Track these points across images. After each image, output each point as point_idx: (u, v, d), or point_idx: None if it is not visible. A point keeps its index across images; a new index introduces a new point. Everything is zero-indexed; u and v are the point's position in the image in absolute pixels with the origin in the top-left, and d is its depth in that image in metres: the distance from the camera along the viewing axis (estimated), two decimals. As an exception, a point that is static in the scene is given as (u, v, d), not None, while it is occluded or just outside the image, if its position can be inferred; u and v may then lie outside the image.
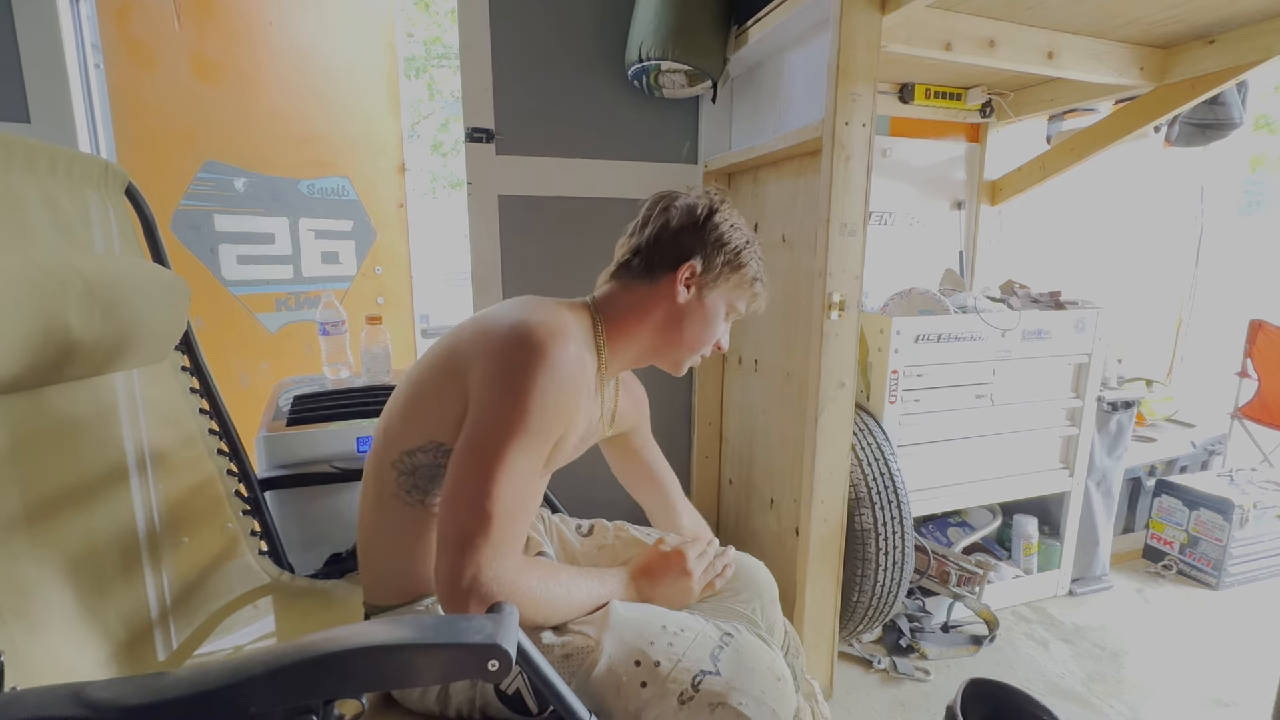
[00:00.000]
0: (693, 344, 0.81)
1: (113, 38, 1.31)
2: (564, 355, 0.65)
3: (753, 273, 0.81)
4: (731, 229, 0.80)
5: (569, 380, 0.66)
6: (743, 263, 0.80)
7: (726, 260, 0.79)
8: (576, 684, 0.65)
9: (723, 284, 0.80)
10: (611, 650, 0.66)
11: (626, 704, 0.64)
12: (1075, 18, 1.32)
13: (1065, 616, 1.67)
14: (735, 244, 0.80)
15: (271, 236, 1.59)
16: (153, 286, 0.82)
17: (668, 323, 0.79)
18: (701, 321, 0.80)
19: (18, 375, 0.63)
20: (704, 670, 0.64)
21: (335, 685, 0.50)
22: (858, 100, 1.11)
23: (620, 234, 0.87)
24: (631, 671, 0.64)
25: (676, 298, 0.78)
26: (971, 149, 1.98)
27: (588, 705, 0.63)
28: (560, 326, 0.67)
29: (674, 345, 0.81)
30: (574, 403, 0.68)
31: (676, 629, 0.68)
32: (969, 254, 2.04)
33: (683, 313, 0.79)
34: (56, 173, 0.78)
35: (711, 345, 0.82)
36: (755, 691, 0.64)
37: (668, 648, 0.66)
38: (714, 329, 0.81)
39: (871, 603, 1.38)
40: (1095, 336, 1.63)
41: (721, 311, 0.81)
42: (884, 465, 1.37)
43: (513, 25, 1.51)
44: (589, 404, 0.76)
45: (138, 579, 0.80)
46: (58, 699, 0.48)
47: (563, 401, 0.66)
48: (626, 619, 0.69)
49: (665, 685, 0.63)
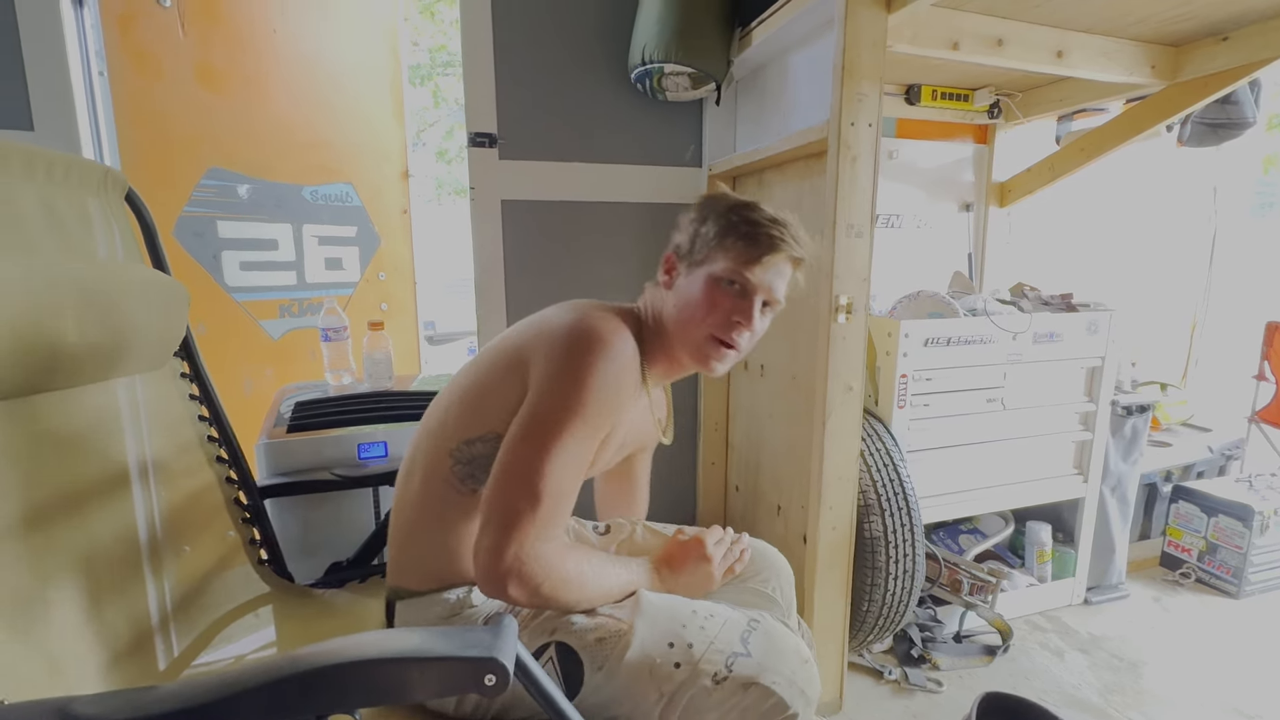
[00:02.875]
0: (686, 320, 0.77)
1: (116, 46, 1.32)
2: (623, 349, 0.69)
3: (742, 233, 0.75)
4: (710, 205, 0.78)
5: (624, 374, 0.69)
6: (723, 229, 0.76)
7: (702, 234, 0.77)
8: (610, 666, 0.66)
9: (709, 259, 0.76)
10: (644, 634, 0.67)
11: (661, 685, 0.65)
12: (1085, 16, 1.30)
13: (1081, 626, 1.63)
14: (714, 212, 0.77)
15: (275, 243, 1.59)
16: (151, 292, 0.82)
17: (668, 314, 0.79)
18: (686, 296, 0.77)
19: (13, 382, 0.63)
20: (735, 652, 0.66)
21: (328, 700, 0.49)
22: (864, 100, 1.09)
23: (623, 237, 0.87)
24: (665, 653, 0.66)
25: (665, 286, 0.80)
26: (979, 150, 1.96)
27: (621, 687, 0.66)
28: (618, 324, 0.71)
29: (676, 334, 0.78)
30: (624, 398, 0.70)
31: (706, 614, 0.70)
32: (978, 256, 2.02)
33: (672, 296, 0.79)
34: (55, 179, 0.77)
35: (717, 318, 0.75)
36: (786, 672, 0.66)
37: (699, 631, 0.68)
38: (705, 300, 0.75)
39: (882, 612, 1.35)
40: (1108, 339, 1.60)
41: (709, 278, 0.75)
42: (893, 471, 1.34)
43: (515, 30, 1.50)
44: (632, 405, 0.76)
45: (138, 587, 0.78)
46: (42, 714, 0.46)
47: (617, 393, 0.69)
48: (657, 604, 0.71)
49: (699, 667, 0.65)
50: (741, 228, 0.75)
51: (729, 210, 0.76)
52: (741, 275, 0.75)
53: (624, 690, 0.66)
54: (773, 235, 0.75)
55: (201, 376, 0.97)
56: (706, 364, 0.78)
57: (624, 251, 1.69)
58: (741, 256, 0.75)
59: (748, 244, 0.74)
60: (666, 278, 0.80)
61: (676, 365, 0.82)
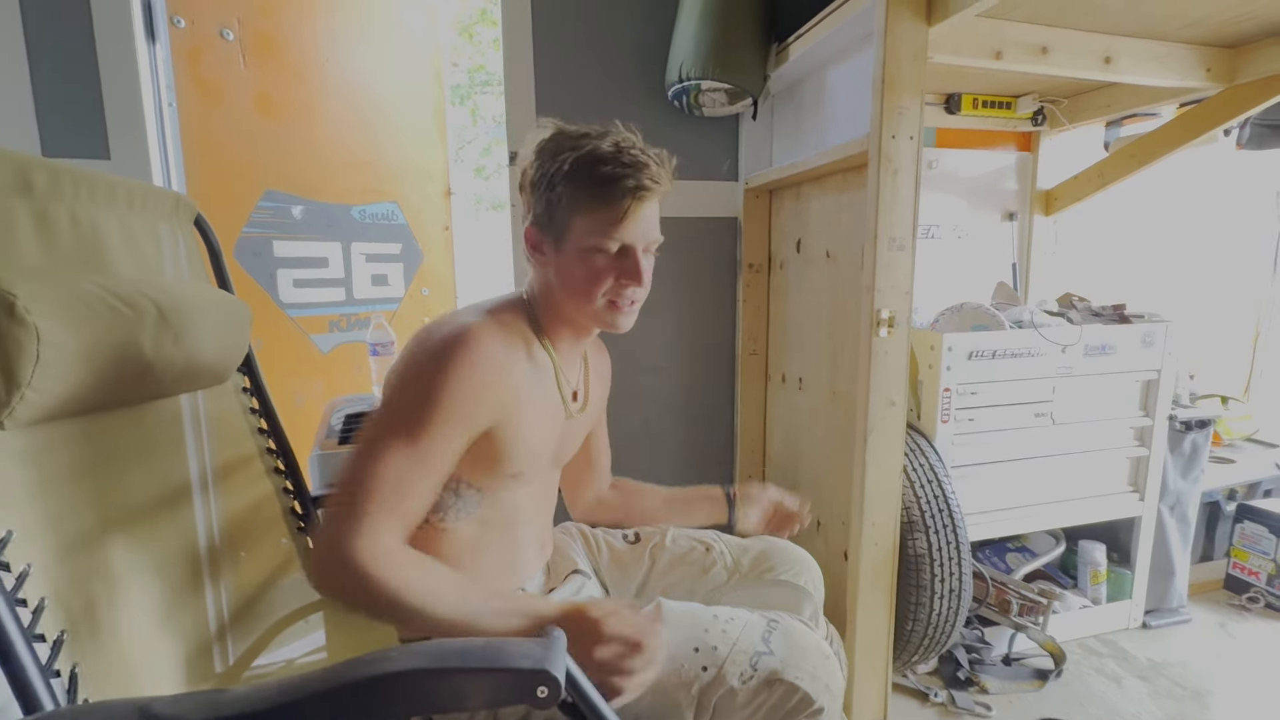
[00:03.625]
0: (580, 299, 0.73)
1: (185, 78, 1.40)
2: (464, 354, 0.64)
3: (598, 194, 0.69)
4: (540, 164, 0.71)
5: (472, 374, 0.64)
6: (565, 193, 0.69)
7: (550, 204, 0.71)
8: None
9: (568, 228, 0.71)
10: (670, 640, 0.67)
11: (689, 688, 0.66)
12: (1134, 21, 1.27)
13: (1139, 651, 1.56)
14: (548, 176, 0.70)
15: (325, 260, 1.66)
16: (219, 311, 0.86)
17: (555, 291, 0.75)
18: (569, 276, 0.73)
19: (97, 397, 0.67)
20: (759, 651, 0.68)
21: (385, 707, 0.51)
22: (904, 113, 1.09)
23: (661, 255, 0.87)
24: (691, 657, 0.67)
25: (543, 265, 0.75)
26: (1023, 158, 1.92)
27: (651, 695, 0.66)
28: (465, 327, 0.66)
29: (574, 309, 0.75)
30: (483, 393, 0.66)
31: (727, 618, 0.72)
32: (1022, 267, 1.97)
33: (555, 276, 0.74)
34: (134, 206, 0.83)
35: (607, 287, 0.72)
36: (808, 667, 0.67)
37: (721, 634, 0.69)
38: (586, 273, 0.71)
39: (927, 632, 1.32)
40: (1165, 351, 1.54)
41: (586, 252, 0.71)
42: (937, 487, 1.31)
43: (555, 51, 1.54)
44: (532, 390, 0.73)
45: (199, 593, 0.82)
46: (125, 713, 0.49)
47: (465, 393, 0.64)
48: (679, 610, 0.72)
49: (724, 668, 0.66)
50: (595, 187, 0.69)
51: (575, 168, 0.69)
52: (615, 238, 0.70)
53: (655, 698, 0.66)
54: (630, 184, 0.69)
55: (262, 391, 1.01)
56: (612, 327, 0.76)
57: (660, 265, 1.69)
58: (607, 219, 0.69)
59: (608, 205, 0.69)
60: (539, 255, 0.75)
61: (583, 330, 0.79)
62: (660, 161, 0.73)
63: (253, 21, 1.49)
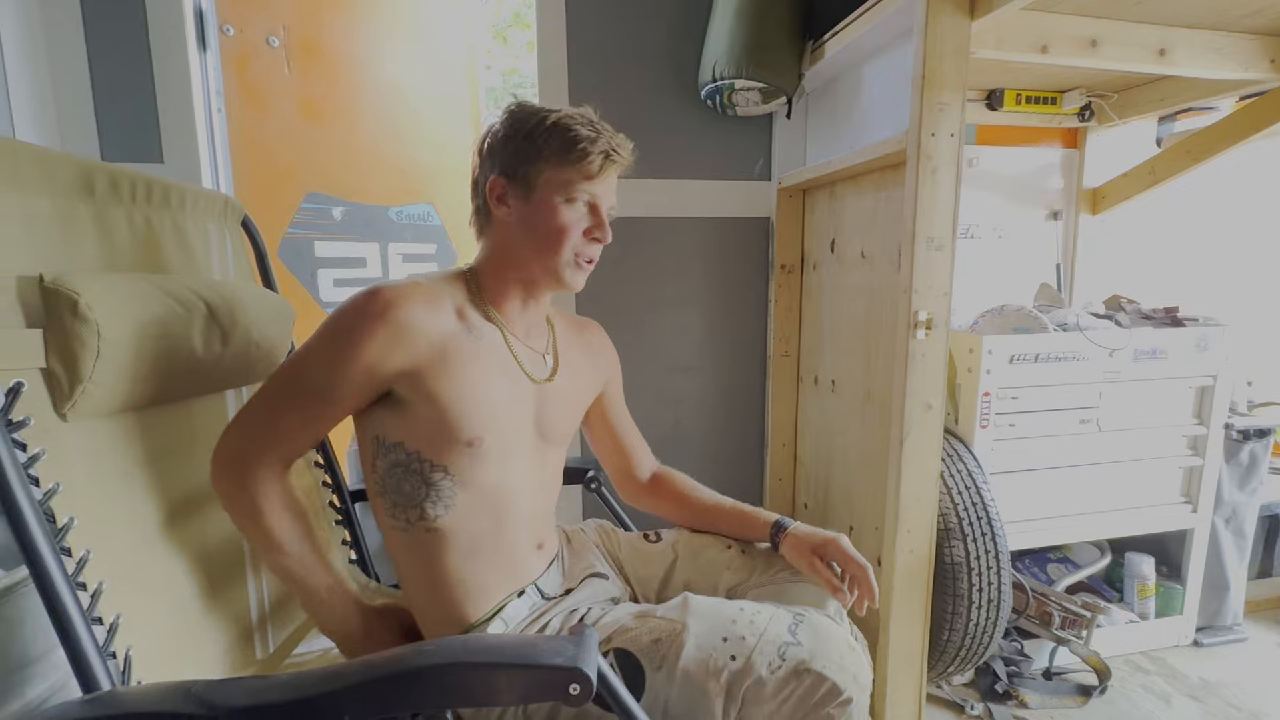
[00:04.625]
0: (546, 250, 0.75)
1: (233, 84, 1.45)
2: (363, 305, 0.68)
3: (577, 149, 0.73)
4: (513, 123, 0.75)
5: (366, 322, 0.67)
6: (541, 144, 0.73)
7: (520, 153, 0.74)
8: (668, 667, 0.68)
9: (538, 178, 0.74)
10: (698, 630, 0.69)
11: (718, 677, 0.66)
12: (1190, 11, 1.21)
13: (1191, 669, 1.49)
14: (522, 131, 0.74)
15: (364, 260, 1.70)
16: (264, 309, 0.89)
17: (517, 246, 0.77)
18: (539, 225, 0.75)
19: (151, 392, 0.70)
20: (786, 642, 0.68)
21: (422, 699, 0.52)
22: (945, 110, 1.06)
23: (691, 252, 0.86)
24: (719, 647, 0.68)
25: (504, 219, 0.76)
26: (1069, 155, 1.86)
27: (681, 686, 0.67)
28: (375, 285, 0.70)
29: (535, 262, 0.77)
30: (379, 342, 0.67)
31: (753, 610, 0.72)
32: (1066, 267, 1.90)
33: (519, 228, 0.76)
34: (185, 207, 0.86)
35: (576, 240, 0.76)
36: (835, 658, 0.68)
37: (749, 625, 0.70)
38: (558, 222, 0.74)
39: (964, 642, 1.28)
40: (1221, 356, 1.47)
41: (557, 202, 0.74)
42: (976, 494, 1.28)
43: (588, 52, 1.55)
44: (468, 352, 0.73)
45: (241, 583, 0.85)
46: (175, 695, 0.51)
47: (353, 338, 0.67)
48: (705, 604, 0.73)
49: (753, 659, 0.67)
50: (571, 143, 0.73)
51: (553, 125, 0.73)
52: (587, 190, 0.75)
53: (684, 689, 0.67)
54: (603, 146, 0.74)
55: (302, 387, 1.04)
56: (570, 284, 0.78)
57: (692, 265, 1.70)
58: (584, 172, 0.74)
59: (583, 159, 0.73)
60: (502, 207, 0.76)
61: (534, 289, 0.80)
62: (622, 141, 0.77)
63: (297, 28, 1.53)
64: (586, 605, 0.80)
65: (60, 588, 0.53)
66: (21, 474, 0.53)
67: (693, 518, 0.96)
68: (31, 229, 0.61)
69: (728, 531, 0.94)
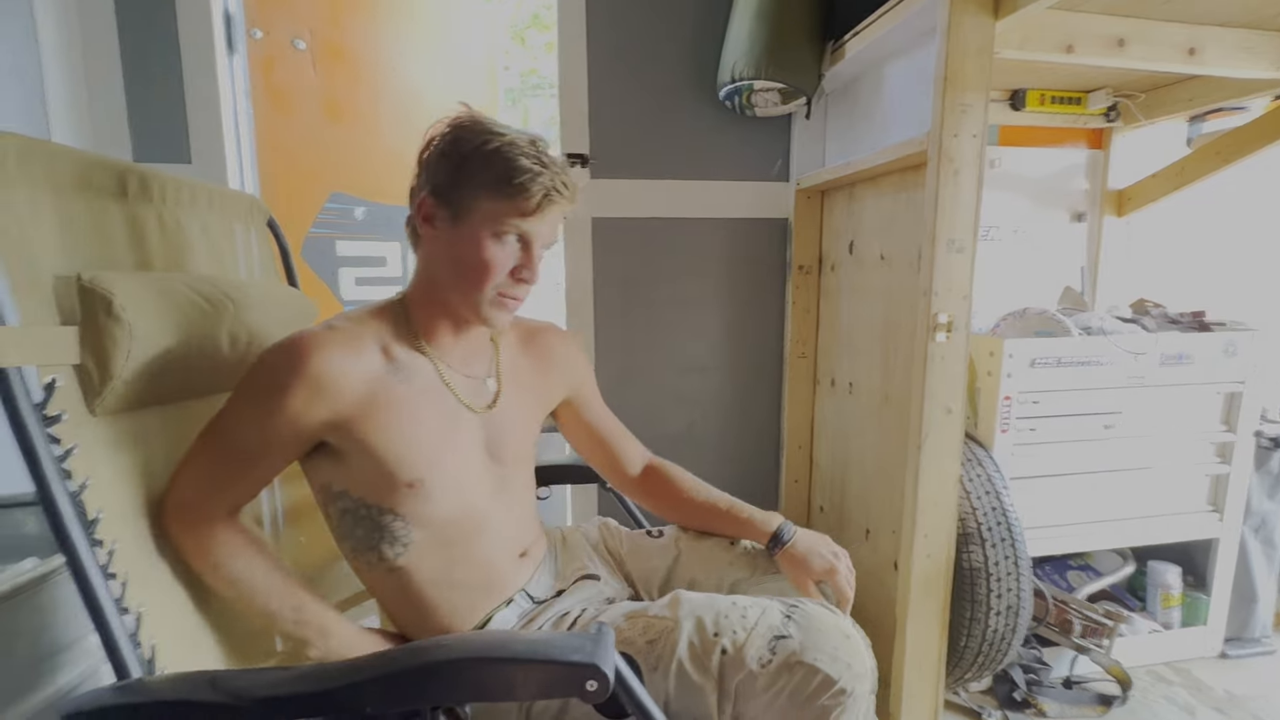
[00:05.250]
0: (467, 284, 0.71)
1: (260, 86, 1.48)
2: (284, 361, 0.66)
3: (517, 182, 0.66)
4: (453, 140, 0.70)
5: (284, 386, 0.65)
6: (477, 169, 0.67)
7: (454, 175, 0.68)
8: (664, 665, 0.67)
9: (470, 204, 0.68)
10: (690, 627, 0.69)
11: (711, 672, 0.66)
12: (1222, 9, 1.18)
13: (1216, 681, 1.46)
14: (460, 151, 0.69)
15: (384, 259, 1.72)
16: (288, 307, 0.90)
17: (440, 274, 0.73)
18: (463, 256, 0.70)
19: (178, 388, 0.71)
20: (777, 635, 0.67)
21: (439, 693, 0.52)
22: (968, 111, 1.05)
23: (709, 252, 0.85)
24: (711, 642, 0.67)
25: (430, 240, 0.72)
26: (1094, 156, 1.83)
27: (676, 683, 0.67)
28: (291, 340, 0.67)
29: (455, 293, 0.72)
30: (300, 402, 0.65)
31: (745, 604, 0.71)
32: (1090, 270, 1.87)
33: (444, 254, 0.71)
34: (213, 207, 0.88)
35: (500, 279, 0.70)
36: (828, 649, 0.67)
37: (741, 619, 0.69)
38: (483, 257, 0.69)
39: (982, 649, 1.27)
40: (1250, 362, 1.44)
41: (484, 235, 0.69)
42: (995, 499, 1.26)
43: (608, 54, 1.56)
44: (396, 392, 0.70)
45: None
46: (201, 684, 0.52)
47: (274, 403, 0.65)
48: (696, 599, 0.73)
49: (744, 652, 0.66)
50: (512, 174, 0.67)
51: (494, 150, 0.67)
52: (522, 228, 0.69)
53: (680, 685, 0.67)
54: (546, 182, 0.68)
55: (324, 384, 1.05)
56: (491, 322, 0.73)
57: (709, 266, 1.70)
58: (520, 208, 0.68)
59: (524, 195, 0.67)
60: (428, 228, 0.71)
61: (462, 324, 0.76)
62: (573, 184, 0.72)
63: (322, 32, 1.56)
64: (579, 608, 0.79)
65: (94, 578, 0.55)
66: (58, 469, 0.55)
67: (686, 516, 0.94)
68: (67, 229, 0.63)
69: (722, 533, 0.91)
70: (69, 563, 0.55)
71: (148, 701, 0.52)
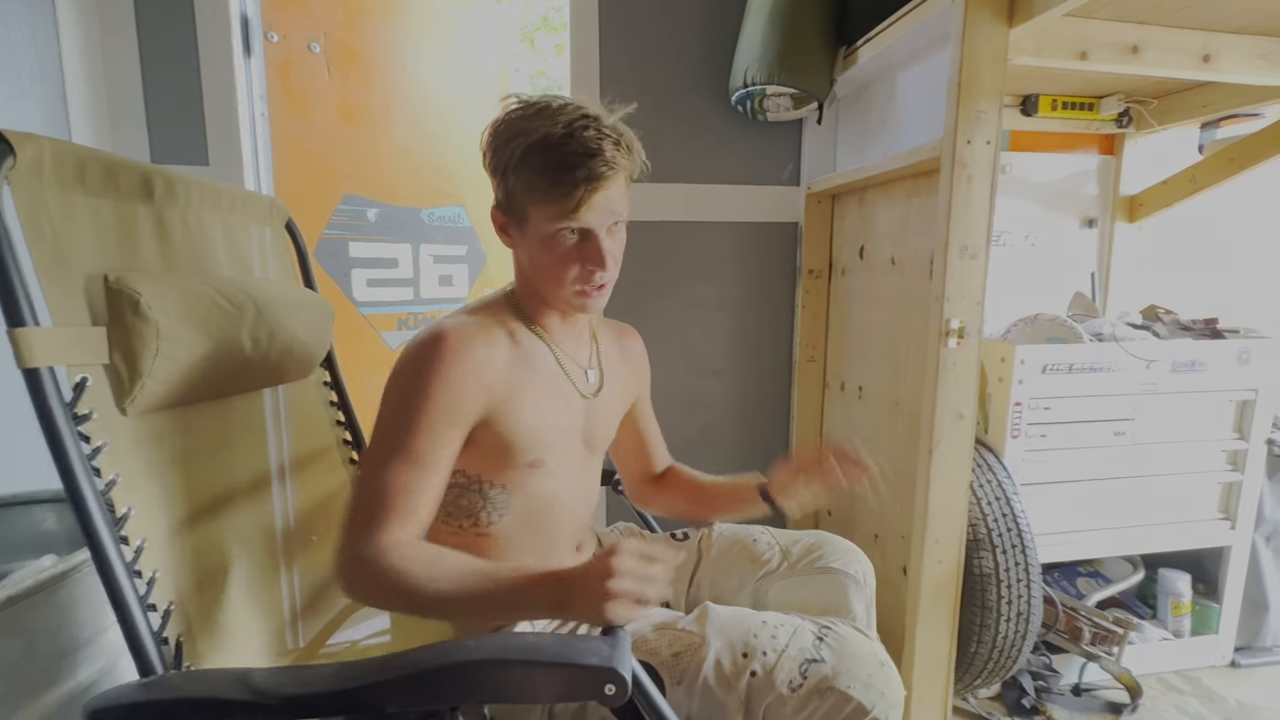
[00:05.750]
0: (547, 282, 0.73)
1: (276, 89, 1.50)
2: (436, 358, 0.66)
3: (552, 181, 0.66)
4: (494, 150, 0.70)
5: (447, 376, 0.66)
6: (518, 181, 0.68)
7: (506, 188, 0.71)
8: (688, 680, 0.67)
9: (532, 216, 0.70)
10: (718, 645, 0.68)
11: (739, 694, 0.65)
12: (1238, 16, 1.18)
13: (1227, 691, 1.45)
14: (502, 163, 0.69)
15: (396, 261, 1.73)
16: (306, 309, 0.91)
17: (529, 272, 0.76)
18: (537, 261, 0.72)
19: (203, 388, 0.72)
20: (809, 659, 0.66)
21: (459, 693, 0.53)
22: (981, 117, 1.05)
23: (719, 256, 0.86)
24: (740, 662, 0.66)
25: (513, 246, 0.76)
26: (1105, 161, 1.82)
27: (701, 700, 0.66)
28: (434, 332, 0.68)
29: (544, 290, 0.75)
30: (462, 391, 0.67)
31: (776, 624, 0.70)
32: (1102, 276, 1.86)
33: (524, 256, 0.75)
34: (234, 209, 0.89)
35: (572, 275, 0.71)
36: (862, 675, 0.65)
37: (771, 639, 0.68)
38: (553, 261, 0.71)
39: (991, 655, 1.27)
40: (1264, 370, 1.43)
41: (545, 240, 0.70)
42: (1006, 505, 1.26)
43: (619, 56, 1.57)
44: (526, 376, 0.73)
45: (275, 577, 0.87)
46: (227, 681, 0.53)
47: (442, 395, 0.66)
48: (725, 616, 0.72)
49: (774, 675, 0.65)
50: (547, 175, 0.66)
51: (525, 156, 0.67)
52: (572, 225, 0.69)
53: (704, 704, 0.66)
54: (581, 175, 0.66)
55: (340, 385, 1.07)
56: (583, 310, 0.76)
57: (719, 270, 1.70)
58: (563, 208, 0.67)
59: (561, 195, 0.67)
60: (506, 237, 0.76)
61: (567, 312, 0.79)
62: (619, 141, 0.69)
63: (337, 35, 1.57)
64: None
65: (120, 575, 0.56)
66: (87, 466, 0.55)
67: (692, 505, 0.95)
68: (99, 230, 0.64)
69: (725, 508, 0.94)
70: (95, 559, 0.56)
71: (173, 698, 0.53)
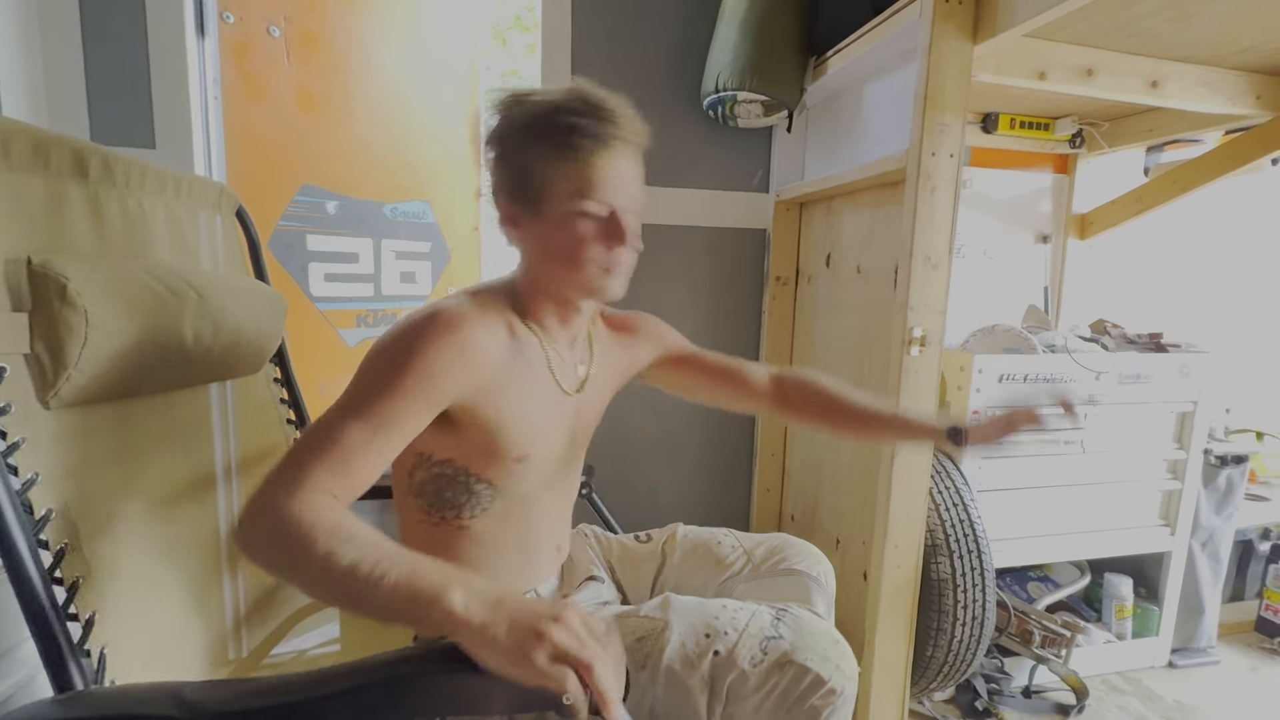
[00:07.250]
0: (565, 266, 0.70)
1: (231, 72, 1.43)
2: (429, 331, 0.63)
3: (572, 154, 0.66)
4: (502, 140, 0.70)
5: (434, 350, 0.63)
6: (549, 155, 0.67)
7: (527, 167, 0.68)
8: (652, 664, 0.67)
9: (553, 196, 0.68)
10: (681, 628, 0.69)
11: (702, 673, 0.67)
12: (1184, 45, 1.24)
13: (1165, 691, 1.51)
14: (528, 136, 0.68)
15: (356, 256, 1.67)
16: (255, 301, 0.87)
17: (542, 265, 0.72)
18: (557, 245, 0.69)
19: (137, 382, 0.68)
20: (768, 636, 0.69)
21: (411, 707, 0.50)
22: (946, 130, 1.07)
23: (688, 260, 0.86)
24: (703, 643, 0.68)
25: (523, 240, 0.73)
26: (1059, 180, 1.89)
27: (665, 683, 0.67)
28: (437, 308, 0.65)
29: (560, 279, 0.72)
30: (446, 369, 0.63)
31: (735, 607, 0.73)
32: (1054, 290, 1.93)
33: (539, 249, 0.72)
34: (180, 195, 0.84)
35: (596, 253, 0.70)
36: (819, 650, 0.68)
37: (731, 620, 0.70)
38: (576, 242, 0.69)
39: (947, 659, 1.29)
40: (1202, 383, 1.50)
41: (571, 221, 0.68)
42: (963, 511, 1.29)
43: (591, 60, 1.55)
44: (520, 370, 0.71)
45: (217, 584, 0.83)
46: (155, 696, 0.49)
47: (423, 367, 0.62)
48: (686, 602, 0.74)
49: (735, 652, 0.67)
50: (559, 137, 0.66)
51: (534, 122, 0.67)
52: (597, 199, 0.68)
53: (668, 686, 0.67)
54: (593, 130, 0.66)
55: (292, 382, 1.02)
56: (604, 295, 0.73)
57: (688, 274, 1.70)
58: (583, 178, 0.67)
59: (577, 158, 0.66)
60: (515, 230, 0.72)
61: (568, 305, 0.76)
62: (622, 107, 0.70)
63: (299, 19, 1.51)
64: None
65: (35, 581, 0.52)
66: (1, 463, 0.51)
67: (844, 424, 0.90)
68: (22, 210, 0.59)
69: (888, 437, 0.93)
70: (6, 563, 0.51)
71: (90, 716, 0.49)
